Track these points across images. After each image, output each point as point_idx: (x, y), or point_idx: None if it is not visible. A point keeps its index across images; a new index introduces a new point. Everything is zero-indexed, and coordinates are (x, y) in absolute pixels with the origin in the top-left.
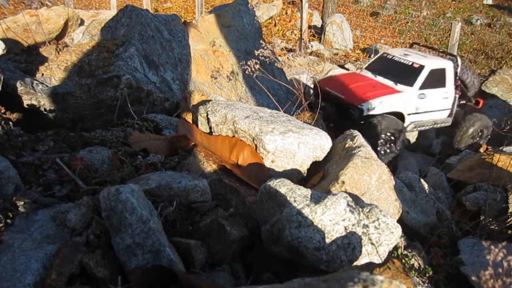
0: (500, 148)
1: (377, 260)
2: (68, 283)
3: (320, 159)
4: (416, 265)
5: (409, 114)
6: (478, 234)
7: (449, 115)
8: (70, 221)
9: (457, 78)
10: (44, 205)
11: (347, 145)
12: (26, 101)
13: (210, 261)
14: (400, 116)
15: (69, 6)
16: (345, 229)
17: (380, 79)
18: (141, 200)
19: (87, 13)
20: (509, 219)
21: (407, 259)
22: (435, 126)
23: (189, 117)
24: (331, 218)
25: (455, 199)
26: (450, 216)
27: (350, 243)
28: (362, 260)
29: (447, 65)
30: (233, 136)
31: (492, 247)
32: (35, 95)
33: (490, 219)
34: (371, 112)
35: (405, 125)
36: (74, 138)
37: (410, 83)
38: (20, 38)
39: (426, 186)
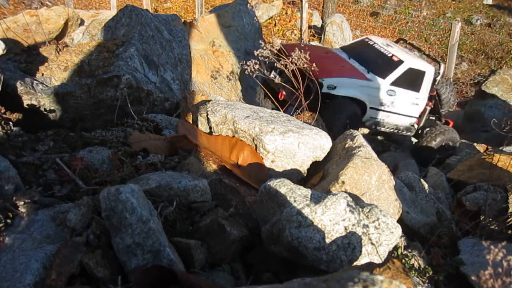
0: (500, 148)
1: (377, 260)
2: (68, 283)
3: (320, 159)
4: (416, 265)
5: (371, 108)
6: (478, 234)
7: (413, 125)
8: (70, 221)
9: (434, 87)
10: (44, 205)
11: (347, 145)
12: (26, 101)
13: (210, 261)
14: (361, 106)
15: (69, 6)
16: (345, 229)
17: (352, 62)
18: (141, 200)
19: (87, 13)
20: (509, 219)
21: (407, 259)
22: (395, 131)
23: (189, 117)
24: (331, 218)
25: (455, 199)
26: (450, 216)
27: (350, 243)
28: (362, 260)
29: (428, 69)
30: (233, 136)
31: (492, 247)
32: (35, 95)
33: (490, 219)
34: (331, 91)
35: (364, 119)
36: (74, 138)
37: (383, 75)
38: (20, 38)
39: (426, 186)
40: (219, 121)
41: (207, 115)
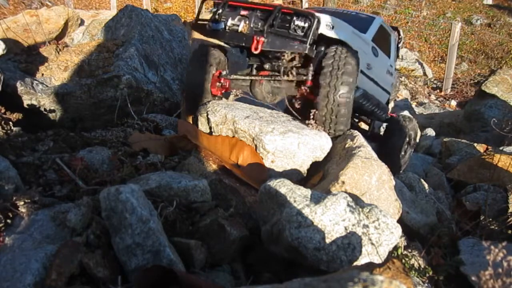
0: (500, 148)
1: (377, 260)
2: (68, 283)
3: (320, 159)
4: (416, 265)
5: (361, 72)
6: (478, 234)
7: (387, 104)
8: (70, 221)
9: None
10: (44, 205)
11: (347, 145)
12: (26, 101)
13: (210, 261)
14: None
15: (69, 6)
16: (345, 229)
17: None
18: (141, 200)
19: (87, 13)
20: (509, 219)
21: (407, 259)
22: (374, 110)
23: (189, 117)
24: (331, 218)
25: (455, 199)
26: (450, 216)
27: (350, 243)
28: (362, 260)
29: (392, 33)
30: (233, 136)
31: (492, 247)
32: (35, 95)
33: (490, 219)
34: (329, 32)
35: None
36: (74, 138)
37: (362, 30)
38: (20, 38)
39: (426, 186)
40: (219, 121)
41: (207, 115)
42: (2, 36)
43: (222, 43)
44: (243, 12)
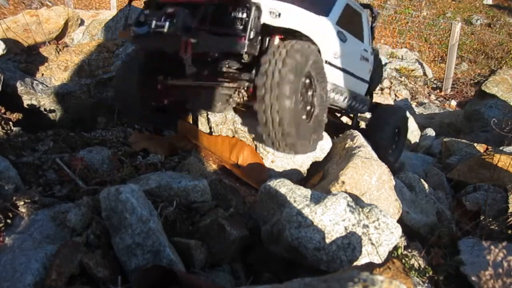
0: (500, 148)
1: (377, 260)
2: (68, 283)
3: (320, 159)
4: (416, 265)
5: (326, 62)
6: (478, 234)
7: (366, 95)
8: (70, 221)
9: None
10: (44, 205)
11: (347, 145)
12: (26, 101)
13: (210, 261)
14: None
15: (69, 6)
16: (345, 229)
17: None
18: (141, 200)
19: (87, 13)
20: (509, 219)
21: (407, 259)
22: (351, 105)
23: (189, 117)
24: (331, 219)
25: (455, 199)
26: (450, 216)
27: (350, 243)
28: (362, 260)
29: (363, 12)
30: (233, 136)
31: (492, 247)
32: (35, 95)
33: (490, 219)
34: (275, 21)
35: None
36: (74, 138)
37: (323, 12)
38: (20, 38)
39: (426, 186)
40: (219, 121)
41: (207, 115)
42: (2, 36)
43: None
44: (169, 10)
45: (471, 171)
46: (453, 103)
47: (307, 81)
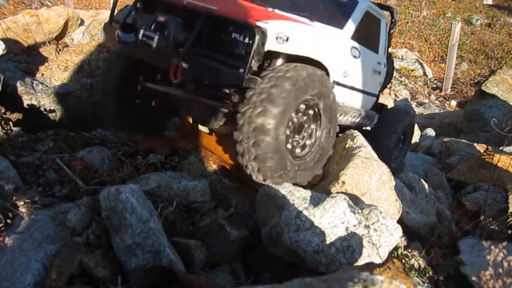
0: (500, 148)
1: (377, 261)
2: (68, 283)
3: None
4: (416, 265)
5: (334, 82)
6: (478, 234)
7: (374, 108)
8: (70, 221)
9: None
10: (44, 205)
11: (347, 145)
12: (26, 101)
13: (210, 261)
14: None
15: (69, 6)
16: (345, 231)
17: (278, 11)
18: (141, 200)
19: (87, 13)
20: (509, 219)
21: (407, 259)
22: (356, 121)
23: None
24: (330, 221)
25: (455, 199)
26: (450, 216)
27: (350, 246)
28: (361, 262)
29: (382, 19)
30: None
31: (492, 247)
32: (35, 95)
33: (490, 219)
34: (278, 46)
35: None
36: (74, 138)
37: (337, 23)
38: (20, 38)
39: (426, 186)
40: None
41: None
42: (2, 36)
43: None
44: (160, 18)
45: (471, 171)
46: (453, 103)
47: (309, 111)
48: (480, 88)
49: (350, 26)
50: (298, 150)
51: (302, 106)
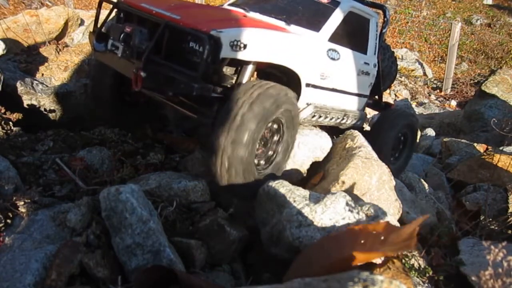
0: (500, 148)
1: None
2: (68, 283)
3: (320, 159)
4: (416, 265)
5: (308, 85)
6: (478, 234)
7: (363, 109)
8: (70, 221)
9: (381, 44)
10: (44, 205)
11: (347, 145)
12: (26, 101)
13: (210, 261)
14: (292, 81)
15: (69, 6)
16: (346, 226)
17: (254, 15)
18: (141, 200)
19: (87, 13)
20: (509, 219)
21: (407, 259)
22: (341, 123)
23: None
24: (331, 217)
25: (455, 199)
26: (450, 216)
27: None
28: None
29: (373, 16)
30: None
31: (492, 247)
32: (35, 95)
33: (490, 219)
34: (238, 53)
35: (300, 103)
36: (74, 138)
37: (314, 27)
38: (20, 38)
39: (426, 186)
40: None
41: None
42: (2, 36)
43: None
44: (127, 29)
45: (471, 171)
46: (453, 103)
47: (275, 125)
48: (480, 88)
49: (328, 28)
50: (262, 162)
51: (270, 124)
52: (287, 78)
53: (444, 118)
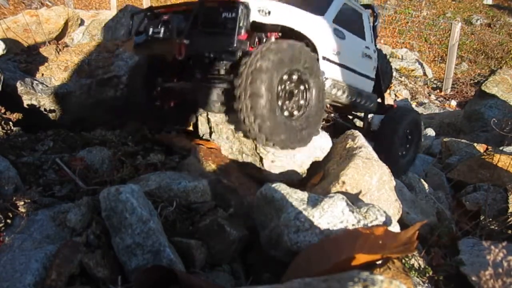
0: (500, 148)
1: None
2: (68, 283)
3: (320, 159)
4: (416, 265)
5: (324, 58)
6: (478, 234)
7: (373, 92)
8: (70, 221)
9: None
10: (44, 205)
11: (347, 146)
12: (26, 101)
13: (209, 261)
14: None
15: (69, 6)
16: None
17: None
18: (141, 200)
19: (87, 13)
20: (509, 219)
21: (407, 259)
22: (357, 101)
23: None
24: (329, 221)
25: (455, 199)
26: (450, 216)
27: None
28: None
29: (364, 12)
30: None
31: (492, 247)
32: (35, 95)
33: (490, 219)
34: (262, 18)
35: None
36: (74, 138)
37: (319, 11)
38: (20, 38)
39: (426, 186)
40: (219, 121)
41: (207, 115)
42: (2, 36)
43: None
44: (164, 18)
45: (471, 171)
46: (453, 103)
47: (294, 76)
48: (480, 88)
49: (331, 13)
50: (295, 112)
51: (286, 77)
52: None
53: (444, 118)
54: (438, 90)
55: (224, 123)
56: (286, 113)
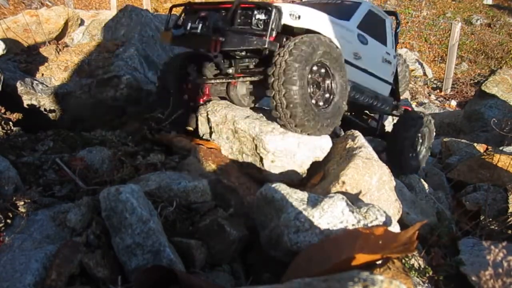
0: (500, 148)
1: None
2: (68, 283)
3: (320, 159)
4: (416, 265)
5: (345, 61)
6: (478, 234)
7: (389, 95)
8: (70, 221)
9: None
10: (44, 205)
11: (348, 146)
12: (26, 101)
13: (209, 261)
14: None
15: (69, 6)
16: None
17: None
18: (141, 200)
19: (87, 13)
20: (509, 219)
21: (407, 259)
22: (373, 103)
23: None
24: (329, 221)
25: (455, 199)
26: (450, 216)
27: None
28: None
29: (387, 18)
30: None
31: (492, 247)
32: (35, 95)
33: (490, 219)
34: (292, 22)
35: None
36: (74, 138)
37: (345, 17)
38: (20, 38)
39: (426, 186)
40: (219, 121)
41: (207, 115)
42: (2, 36)
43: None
44: (202, 14)
45: (471, 171)
46: (453, 103)
47: (322, 70)
48: (480, 88)
49: (356, 18)
50: (320, 103)
51: (315, 68)
52: None
53: (444, 118)
54: (438, 90)
55: (224, 123)
56: (314, 102)
